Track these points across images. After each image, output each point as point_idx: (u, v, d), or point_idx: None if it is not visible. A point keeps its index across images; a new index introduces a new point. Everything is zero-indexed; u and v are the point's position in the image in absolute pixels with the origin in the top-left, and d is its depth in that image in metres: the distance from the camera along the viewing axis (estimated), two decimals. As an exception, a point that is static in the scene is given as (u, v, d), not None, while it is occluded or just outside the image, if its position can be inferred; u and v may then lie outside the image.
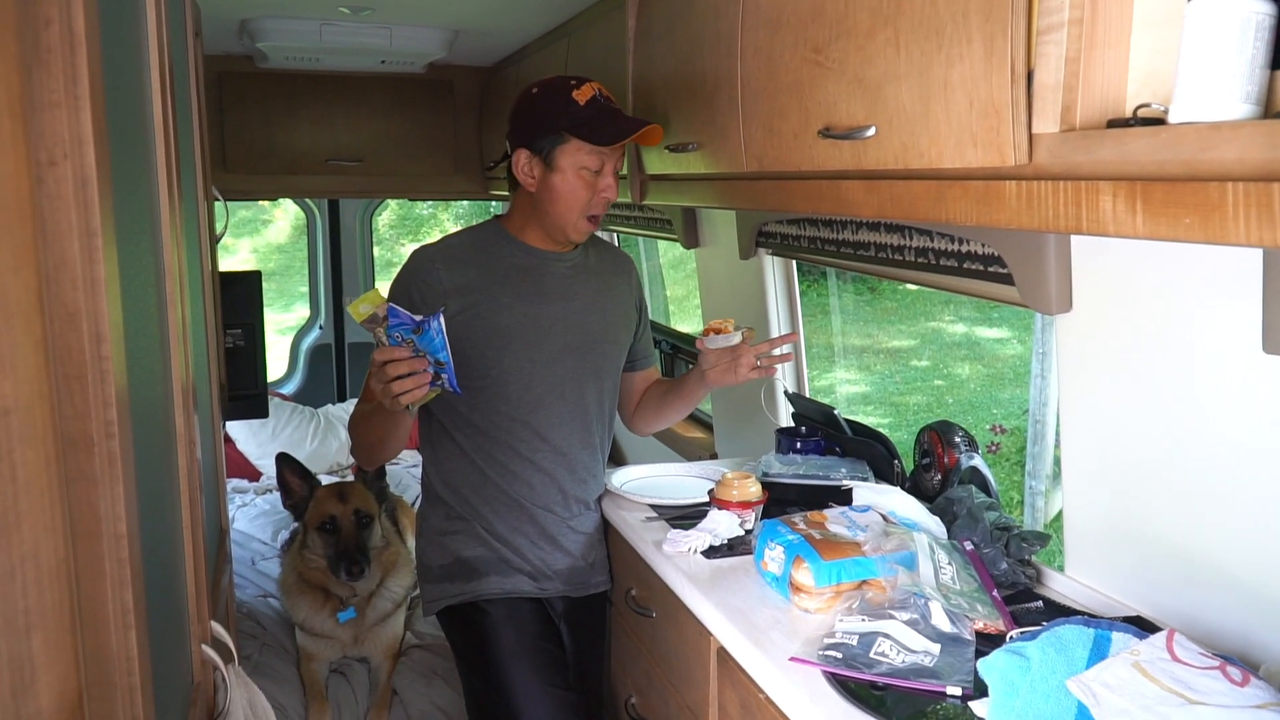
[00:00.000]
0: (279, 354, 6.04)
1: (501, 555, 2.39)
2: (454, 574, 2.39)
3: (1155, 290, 1.71)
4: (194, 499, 1.50)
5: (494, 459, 2.37)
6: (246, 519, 4.38)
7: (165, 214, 1.39)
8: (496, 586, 2.37)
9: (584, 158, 2.26)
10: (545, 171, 2.30)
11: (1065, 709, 1.38)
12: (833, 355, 8.73)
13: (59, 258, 0.75)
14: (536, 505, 2.39)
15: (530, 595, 2.41)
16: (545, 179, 2.30)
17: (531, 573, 2.40)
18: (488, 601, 2.37)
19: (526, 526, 2.39)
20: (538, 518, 2.40)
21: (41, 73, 0.74)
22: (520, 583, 2.39)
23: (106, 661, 0.83)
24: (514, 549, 2.39)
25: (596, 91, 2.28)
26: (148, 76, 1.34)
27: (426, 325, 1.96)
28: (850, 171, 1.70)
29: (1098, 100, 1.20)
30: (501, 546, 2.39)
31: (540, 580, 2.41)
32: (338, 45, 3.82)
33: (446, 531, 2.42)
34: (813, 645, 1.73)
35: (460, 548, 2.40)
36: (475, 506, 2.39)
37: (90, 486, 0.79)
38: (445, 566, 2.41)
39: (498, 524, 2.39)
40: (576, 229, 2.33)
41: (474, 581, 2.37)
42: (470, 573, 2.38)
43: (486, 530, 2.39)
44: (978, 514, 2.09)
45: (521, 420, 2.36)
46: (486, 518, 2.39)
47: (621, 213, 4.04)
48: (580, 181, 2.28)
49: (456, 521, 2.41)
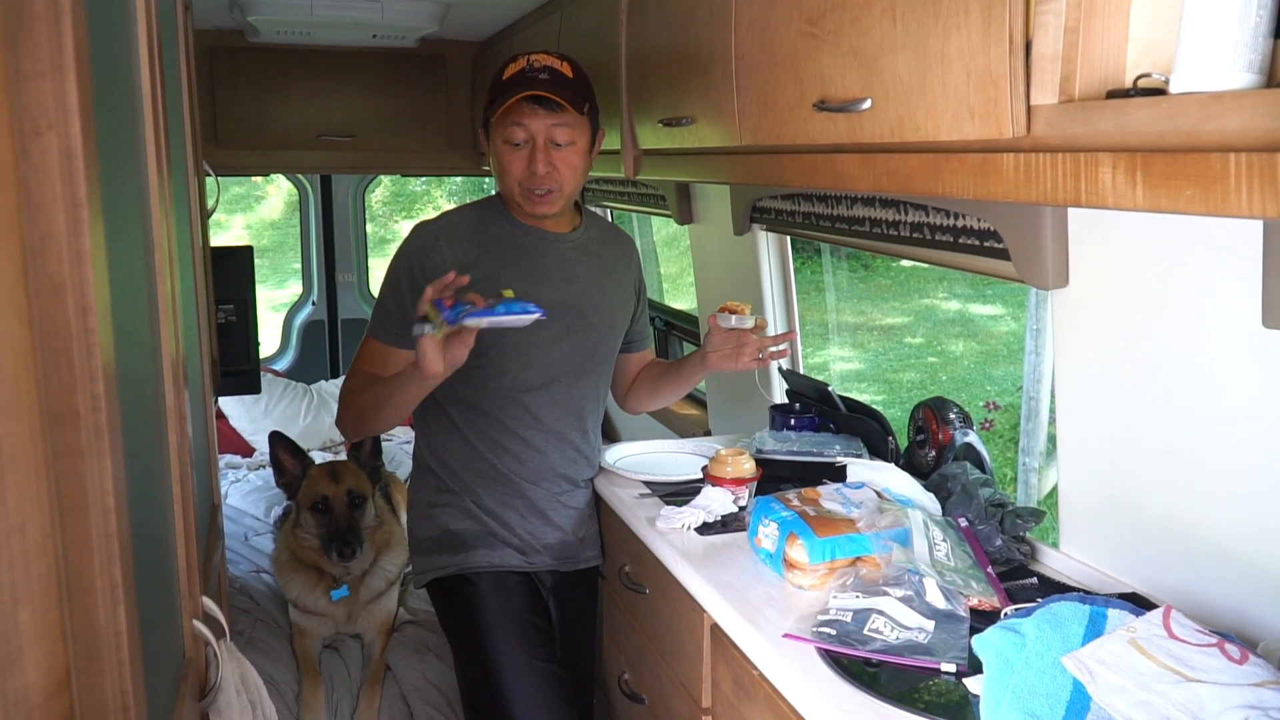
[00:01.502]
0: (272, 330, 6.04)
1: (490, 529, 2.39)
2: (442, 546, 2.40)
3: (1152, 264, 1.70)
4: (185, 474, 1.49)
5: (486, 435, 2.37)
6: (239, 494, 4.38)
7: (154, 187, 1.37)
8: (484, 560, 2.38)
9: (506, 129, 2.26)
10: (489, 147, 2.34)
11: (1061, 686, 1.38)
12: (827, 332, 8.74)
13: (44, 230, 0.74)
14: (526, 481, 2.40)
15: (518, 569, 2.41)
16: (491, 155, 2.34)
17: (520, 546, 2.41)
18: (475, 574, 2.37)
19: (515, 501, 2.40)
20: (527, 492, 2.40)
21: (26, 42, 0.72)
22: (508, 556, 2.39)
23: (95, 636, 0.82)
24: (502, 523, 2.39)
25: (526, 64, 2.26)
26: (135, 48, 1.32)
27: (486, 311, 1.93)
28: (846, 145, 1.68)
29: (1097, 70, 1.18)
30: (490, 520, 2.39)
31: (529, 554, 2.42)
32: (329, 19, 3.79)
33: (436, 504, 2.42)
34: (806, 622, 1.73)
35: (449, 520, 2.40)
36: (465, 480, 2.39)
37: (77, 460, 0.78)
38: (434, 538, 2.41)
39: (487, 498, 2.39)
40: (526, 201, 2.31)
41: (461, 554, 2.38)
42: (458, 545, 2.38)
43: (475, 504, 2.39)
44: (972, 490, 2.09)
45: (515, 399, 2.36)
46: (476, 491, 2.39)
47: (615, 188, 4.02)
48: (507, 154, 2.27)
49: (445, 494, 2.41)
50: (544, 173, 2.25)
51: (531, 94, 2.21)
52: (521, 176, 2.27)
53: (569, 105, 2.23)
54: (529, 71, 2.24)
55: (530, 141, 2.25)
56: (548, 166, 2.25)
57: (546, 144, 2.25)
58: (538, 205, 2.30)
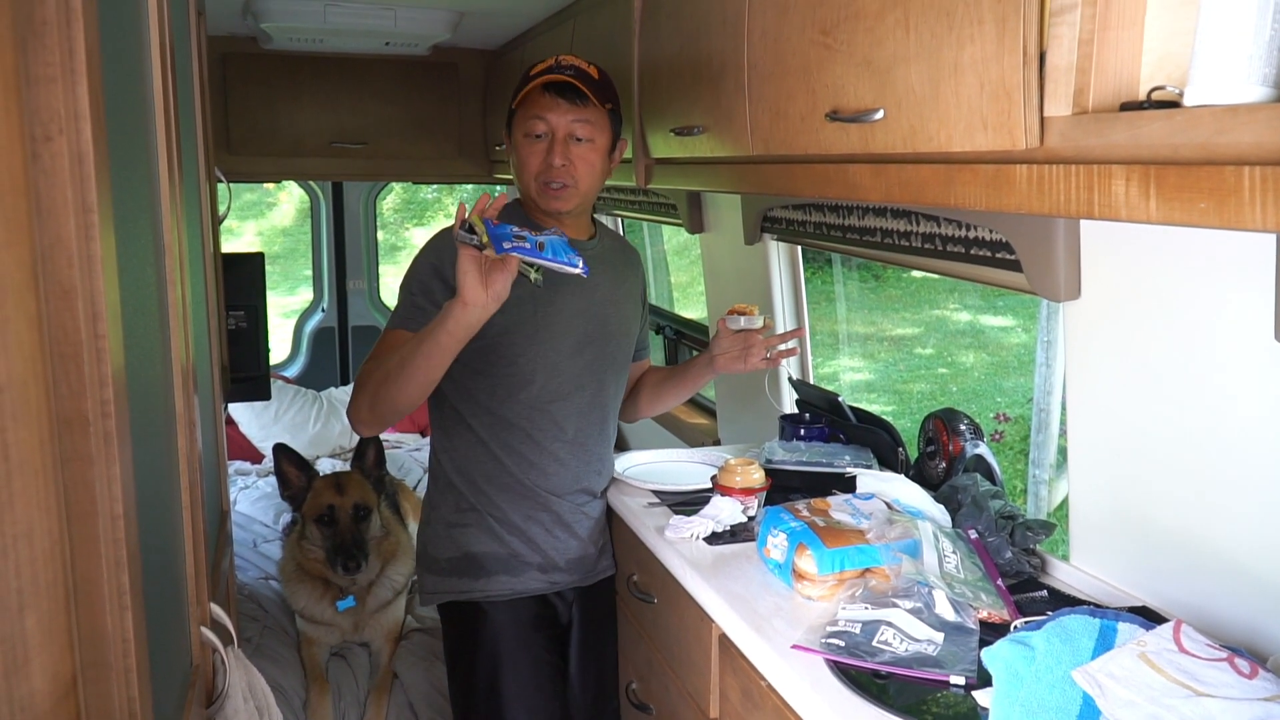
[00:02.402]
0: (282, 337, 6.05)
1: (512, 549, 2.35)
2: (462, 570, 2.35)
3: (1164, 277, 1.70)
4: (194, 480, 1.49)
5: (512, 448, 2.33)
6: (248, 501, 4.38)
7: (165, 193, 1.38)
8: (505, 586, 2.34)
9: (527, 122, 2.25)
10: (509, 146, 2.34)
11: (1070, 700, 1.37)
12: (837, 343, 8.72)
13: (54, 234, 0.74)
14: (552, 494, 2.37)
15: (539, 593, 2.39)
16: (510, 153, 2.34)
17: (542, 564, 2.37)
18: (490, 604, 2.34)
19: (541, 515, 2.36)
20: (553, 506, 2.37)
21: (37, 46, 0.72)
22: (530, 580, 2.36)
23: (102, 642, 0.82)
24: (527, 539, 2.36)
25: (554, 62, 2.27)
26: (148, 53, 1.33)
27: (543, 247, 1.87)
28: (858, 155, 1.68)
29: (1111, 82, 1.18)
30: (513, 539, 2.35)
31: (550, 572, 2.39)
32: (342, 27, 3.80)
33: (456, 524, 2.37)
34: (815, 633, 1.72)
35: (470, 543, 2.35)
36: (490, 495, 2.35)
37: (86, 466, 0.78)
38: (453, 560, 2.37)
39: (512, 514, 2.35)
40: (541, 196, 2.29)
41: (482, 579, 2.34)
42: (478, 570, 2.34)
43: (499, 521, 2.35)
44: (982, 502, 2.08)
45: (542, 410, 2.33)
46: (501, 507, 2.34)
47: (626, 197, 4.03)
48: (526, 147, 2.27)
49: (468, 514, 2.36)
50: (560, 165, 2.24)
51: (554, 80, 2.22)
52: (538, 170, 2.26)
53: (592, 98, 2.24)
54: (556, 69, 2.25)
55: (549, 134, 2.24)
56: (565, 159, 2.24)
57: (566, 138, 2.24)
58: (552, 201, 2.28)
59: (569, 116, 2.24)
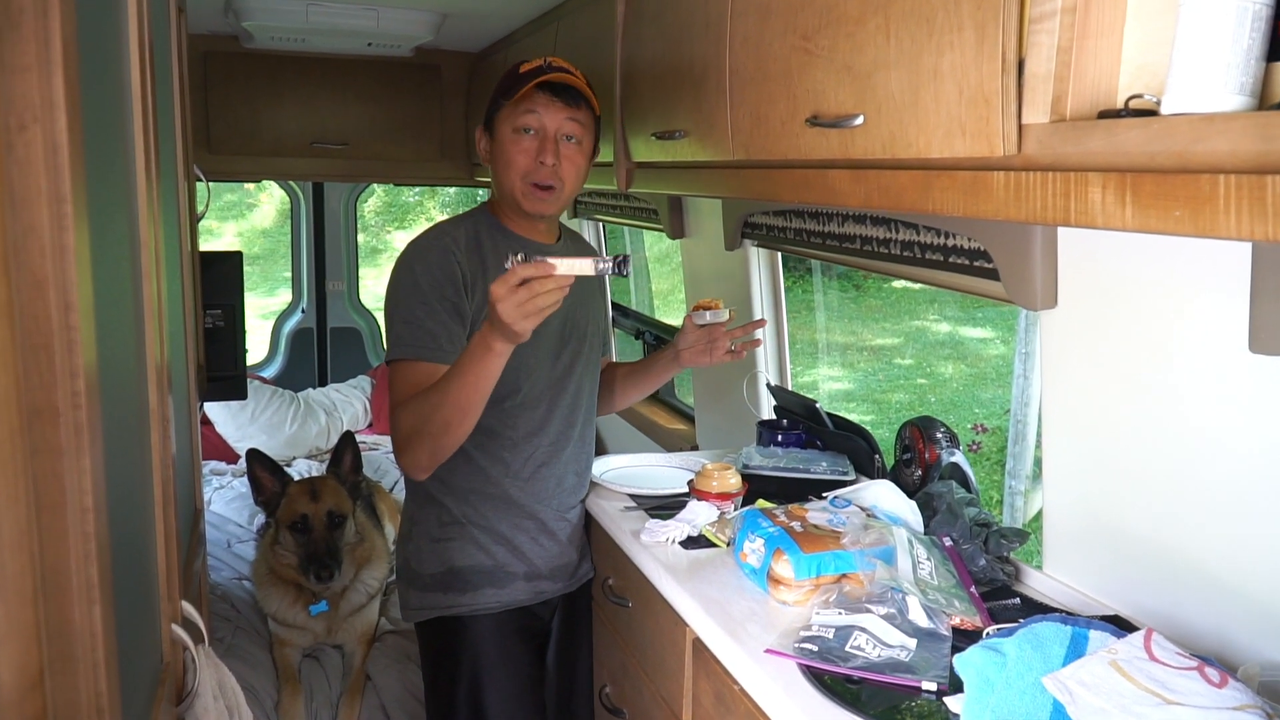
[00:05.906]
0: (260, 338, 6.03)
1: (499, 560, 2.32)
2: (447, 585, 2.32)
3: (1141, 287, 1.71)
4: (167, 477, 1.48)
5: (498, 457, 2.30)
6: (223, 501, 4.36)
7: (142, 188, 1.37)
8: (492, 599, 2.32)
9: (516, 117, 2.22)
10: (490, 142, 2.30)
11: (1041, 706, 1.37)
12: (816, 352, 8.75)
13: (26, 223, 0.73)
14: (537, 502, 2.35)
15: (524, 604, 2.37)
16: (491, 150, 2.30)
17: (528, 572, 2.35)
18: (473, 618, 2.32)
19: (526, 523, 2.34)
20: (538, 513, 2.35)
21: (13, 35, 0.72)
22: (515, 591, 2.34)
23: (69, 636, 0.81)
24: (513, 548, 2.33)
25: (544, 62, 2.24)
26: (126, 47, 1.32)
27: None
28: (837, 160, 1.68)
29: (1089, 91, 1.19)
30: (499, 549, 2.32)
31: (535, 580, 2.37)
32: (324, 26, 3.79)
33: (441, 538, 2.33)
34: (789, 638, 1.72)
35: (455, 557, 2.31)
36: (476, 505, 2.31)
37: (56, 458, 0.77)
38: (436, 575, 2.33)
39: (499, 523, 2.32)
40: (526, 197, 2.25)
41: (468, 594, 2.31)
42: (464, 584, 2.31)
43: (485, 531, 2.31)
44: (957, 509, 2.09)
45: (526, 416, 2.31)
46: (487, 517, 2.31)
47: (607, 201, 4.02)
48: (515, 143, 2.23)
49: (450, 527, 2.32)
50: (552, 164, 2.22)
51: (552, 80, 2.20)
52: (527, 168, 2.23)
53: (585, 99, 2.24)
54: (547, 68, 2.23)
55: (540, 131, 2.22)
56: (556, 159, 2.22)
57: (558, 136, 2.23)
58: (537, 203, 2.25)
59: (563, 115, 2.23)
